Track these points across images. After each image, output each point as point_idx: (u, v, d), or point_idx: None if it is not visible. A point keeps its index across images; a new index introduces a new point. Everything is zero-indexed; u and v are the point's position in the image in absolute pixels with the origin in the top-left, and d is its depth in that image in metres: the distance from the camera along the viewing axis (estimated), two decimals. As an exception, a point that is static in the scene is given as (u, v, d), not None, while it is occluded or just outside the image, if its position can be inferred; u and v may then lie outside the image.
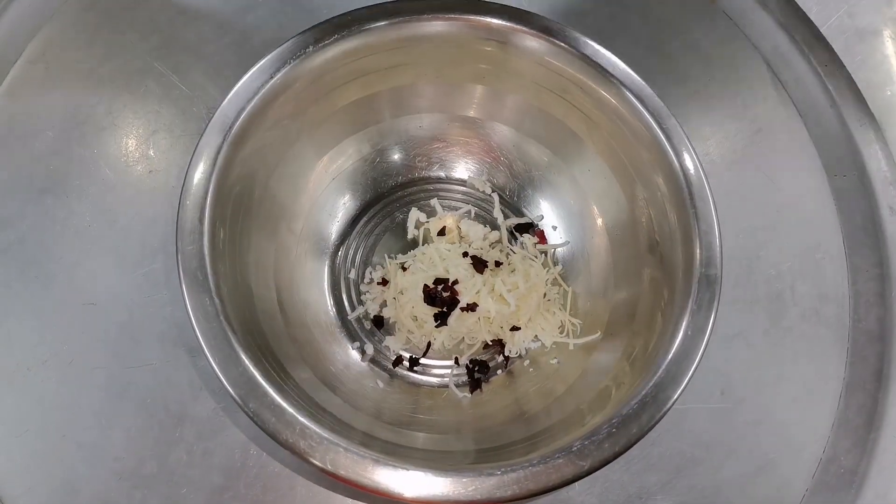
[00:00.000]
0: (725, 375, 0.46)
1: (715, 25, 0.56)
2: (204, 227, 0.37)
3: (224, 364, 0.34)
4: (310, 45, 0.41)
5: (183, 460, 0.41)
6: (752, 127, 0.53)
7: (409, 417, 0.43)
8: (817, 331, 0.47)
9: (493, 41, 0.43)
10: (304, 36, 0.41)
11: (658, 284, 0.41)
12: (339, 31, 0.41)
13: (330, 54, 0.41)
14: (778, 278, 0.48)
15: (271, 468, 0.41)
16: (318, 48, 0.41)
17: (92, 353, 0.43)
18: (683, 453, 0.44)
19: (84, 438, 0.41)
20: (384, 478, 0.33)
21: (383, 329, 0.48)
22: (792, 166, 0.52)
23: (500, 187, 0.51)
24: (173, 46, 0.51)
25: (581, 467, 0.34)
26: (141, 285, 0.45)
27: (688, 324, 0.37)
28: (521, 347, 0.46)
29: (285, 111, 0.42)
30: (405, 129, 0.49)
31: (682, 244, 0.39)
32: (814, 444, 0.45)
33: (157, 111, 0.49)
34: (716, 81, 0.54)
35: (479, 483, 0.33)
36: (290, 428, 0.33)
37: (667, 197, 0.41)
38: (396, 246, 0.50)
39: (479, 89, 0.47)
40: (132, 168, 0.48)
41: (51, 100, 0.49)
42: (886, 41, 0.61)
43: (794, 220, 0.50)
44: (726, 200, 0.49)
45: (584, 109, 0.44)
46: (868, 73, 0.59)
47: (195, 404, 0.42)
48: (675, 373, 0.36)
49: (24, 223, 0.46)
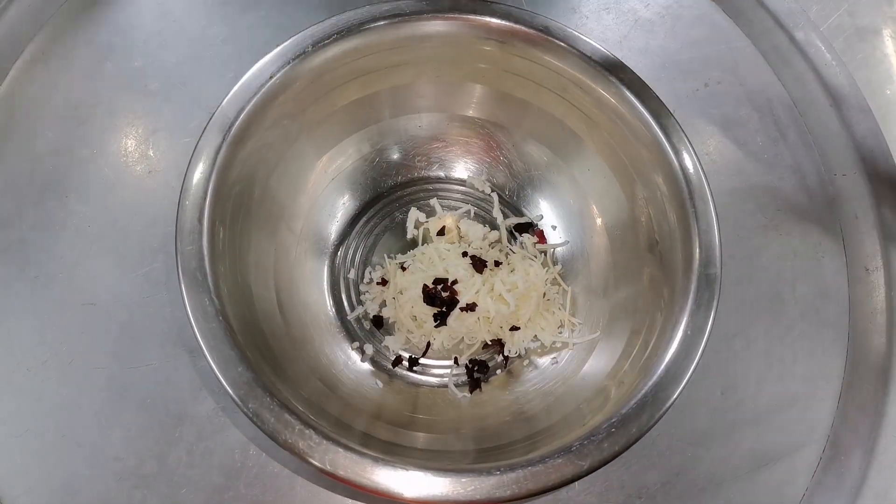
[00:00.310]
0: (726, 375, 0.46)
1: (715, 25, 0.56)
2: (203, 227, 0.37)
3: (223, 364, 0.34)
4: (309, 44, 0.41)
5: (183, 460, 0.41)
6: (751, 125, 0.53)
7: (408, 417, 0.43)
8: (817, 330, 0.47)
9: (493, 41, 0.43)
10: (304, 35, 0.41)
11: (658, 284, 0.41)
12: (338, 30, 0.41)
13: (329, 54, 0.41)
14: (778, 278, 0.48)
15: (271, 468, 0.41)
16: (318, 48, 0.41)
17: (92, 353, 0.43)
18: (684, 452, 0.44)
19: (84, 438, 0.41)
20: (383, 478, 0.33)
21: (383, 329, 0.48)
22: (792, 165, 0.52)
23: (500, 187, 0.51)
24: (174, 46, 0.51)
25: (580, 467, 0.34)
26: (141, 285, 0.45)
27: (687, 323, 0.37)
28: (520, 347, 0.46)
29: (285, 111, 0.42)
30: (405, 128, 0.49)
31: (681, 243, 0.39)
32: (814, 444, 0.45)
33: (157, 111, 0.49)
34: (715, 80, 0.54)
35: (478, 483, 0.33)
36: (290, 428, 0.33)
37: (666, 196, 0.41)
38: (396, 246, 0.50)
39: (478, 89, 0.47)
40: (132, 168, 0.48)
41: (51, 100, 0.49)
42: (886, 40, 0.61)
43: (795, 219, 0.50)
44: (727, 199, 0.50)
45: (584, 109, 0.44)
46: (868, 72, 0.59)
47: (195, 404, 0.42)
48: (675, 372, 0.36)
49: (24, 223, 0.46)
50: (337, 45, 0.41)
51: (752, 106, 0.54)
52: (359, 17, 0.41)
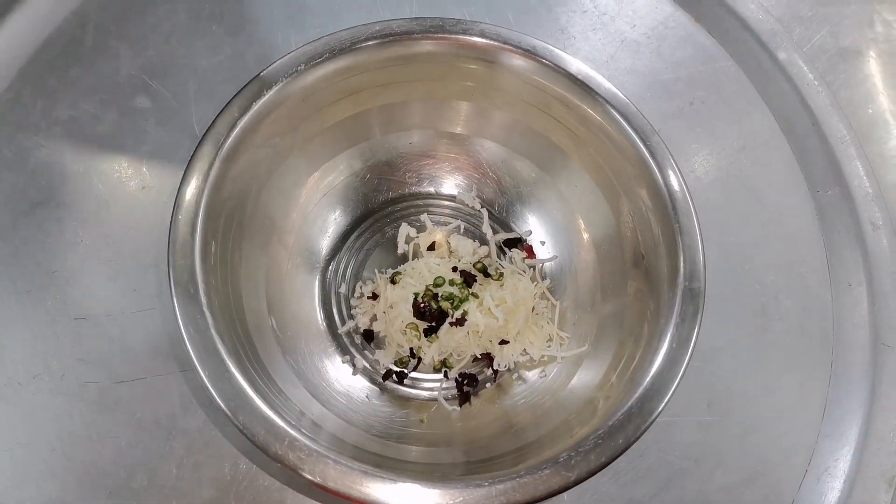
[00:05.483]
0: (712, 388, 0.46)
1: (700, 45, 0.58)
2: (195, 242, 0.37)
3: (214, 377, 0.35)
4: (301, 63, 0.41)
5: (173, 474, 0.41)
6: (736, 144, 0.54)
7: (399, 430, 0.43)
8: (802, 343, 0.48)
9: (482, 60, 0.44)
10: (296, 54, 0.42)
11: (643, 297, 0.42)
12: (330, 49, 0.42)
13: (321, 72, 0.42)
14: (763, 292, 0.49)
15: (261, 481, 0.41)
16: (310, 66, 0.41)
17: (83, 367, 0.43)
18: (671, 465, 0.44)
19: (75, 452, 0.41)
20: (374, 490, 0.33)
21: (373, 343, 0.48)
22: (776, 182, 0.53)
23: (489, 203, 0.52)
24: (167, 63, 0.52)
25: (568, 478, 0.34)
26: (133, 300, 0.45)
27: (672, 336, 0.37)
28: (509, 361, 0.47)
29: (277, 128, 0.42)
30: (395, 145, 0.50)
31: (666, 258, 0.40)
32: (800, 454, 0.45)
33: (151, 128, 0.50)
34: (700, 99, 0.55)
35: (466, 494, 0.33)
36: (280, 440, 0.34)
37: (652, 212, 0.41)
38: (387, 261, 0.51)
39: (467, 106, 0.48)
40: (125, 184, 0.48)
41: (45, 115, 0.49)
42: (868, 61, 0.62)
43: (779, 234, 0.51)
44: (712, 216, 0.50)
45: (570, 126, 0.45)
46: (850, 91, 0.60)
47: (186, 418, 0.42)
48: (660, 384, 0.36)
49: (17, 237, 0.46)
50: (329, 64, 0.42)
51: (736, 124, 0.55)
52: (350, 37, 0.42)
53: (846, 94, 0.60)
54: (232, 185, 0.40)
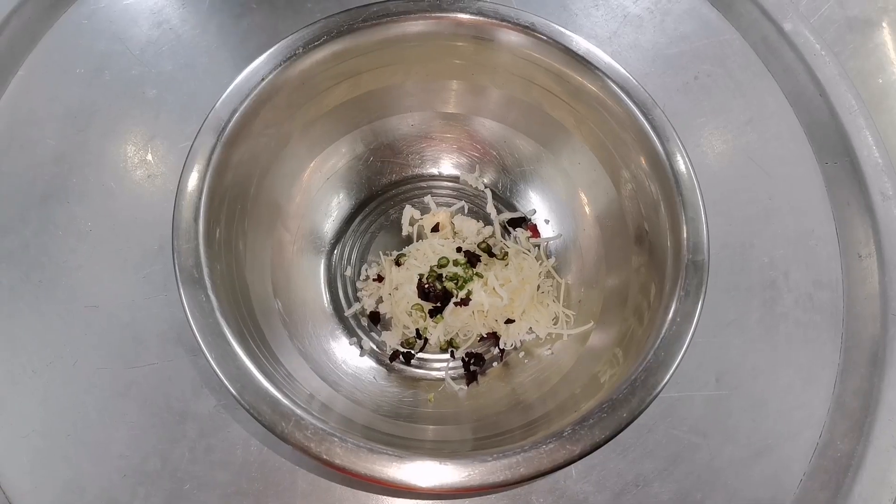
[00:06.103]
0: (721, 363, 0.46)
1: (703, 19, 0.57)
2: (199, 226, 0.37)
3: (221, 359, 0.35)
4: (300, 46, 0.41)
5: (185, 457, 0.42)
6: (742, 117, 0.53)
7: (407, 410, 0.43)
8: (811, 317, 0.48)
9: (479, 38, 0.43)
10: (294, 38, 0.42)
11: (648, 272, 0.41)
12: (328, 32, 0.42)
13: (319, 56, 0.42)
14: (772, 265, 0.49)
15: (272, 462, 0.42)
16: (308, 50, 0.41)
17: (95, 354, 0.44)
18: (680, 440, 0.44)
19: (88, 437, 0.42)
20: (380, 466, 0.33)
21: (379, 324, 0.48)
22: (783, 155, 0.52)
23: (493, 183, 0.52)
24: (170, 54, 0.52)
25: (573, 451, 0.34)
26: (142, 287, 0.46)
27: (676, 309, 0.37)
28: (515, 340, 0.47)
29: (278, 112, 0.42)
30: (396, 127, 0.50)
31: (670, 231, 0.40)
32: (810, 429, 0.45)
33: (155, 117, 0.50)
34: (705, 73, 0.55)
35: (472, 469, 0.33)
36: (286, 419, 0.34)
37: (654, 186, 0.41)
38: (391, 243, 0.51)
39: (467, 86, 0.48)
40: (132, 173, 0.49)
41: (51, 108, 0.50)
42: (879, 30, 0.61)
43: (787, 207, 0.51)
44: (719, 189, 0.50)
45: (571, 102, 0.44)
46: (860, 62, 0.60)
47: (196, 402, 0.43)
48: (664, 357, 0.36)
49: (27, 229, 0.47)
50: (327, 47, 0.42)
51: (742, 97, 0.54)
52: (347, 19, 0.42)
53: (855, 64, 0.59)
54: (234, 171, 0.41)
